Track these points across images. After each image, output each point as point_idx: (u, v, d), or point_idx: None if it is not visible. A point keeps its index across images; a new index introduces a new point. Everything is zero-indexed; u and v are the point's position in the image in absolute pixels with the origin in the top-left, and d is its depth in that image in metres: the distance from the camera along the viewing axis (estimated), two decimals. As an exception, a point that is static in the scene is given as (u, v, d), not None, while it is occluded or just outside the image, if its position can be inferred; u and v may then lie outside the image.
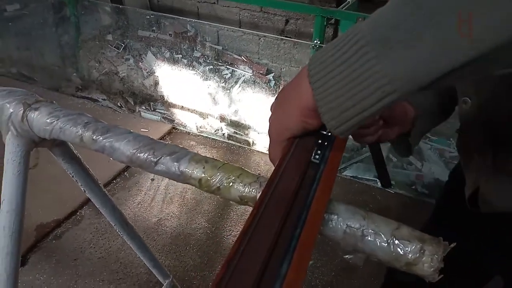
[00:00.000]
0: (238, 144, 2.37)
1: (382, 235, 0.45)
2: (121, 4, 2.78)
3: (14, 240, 0.68)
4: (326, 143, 0.46)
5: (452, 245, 0.47)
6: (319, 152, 0.45)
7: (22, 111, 0.61)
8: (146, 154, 0.54)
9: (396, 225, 0.46)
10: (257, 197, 0.49)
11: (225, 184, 0.51)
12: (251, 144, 2.36)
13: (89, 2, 2.71)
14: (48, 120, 0.59)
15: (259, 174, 1.69)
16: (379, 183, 2.07)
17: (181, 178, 0.53)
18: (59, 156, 0.73)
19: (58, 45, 2.84)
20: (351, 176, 2.15)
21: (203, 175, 0.52)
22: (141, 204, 1.90)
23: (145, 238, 1.71)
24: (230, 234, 1.77)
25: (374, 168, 1.44)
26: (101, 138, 0.57)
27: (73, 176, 0.78)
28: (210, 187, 0.52)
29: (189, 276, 1.58)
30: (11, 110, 0.62)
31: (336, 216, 0.45)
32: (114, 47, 2.76)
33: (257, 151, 2.33)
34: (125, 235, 0.99)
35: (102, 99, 2.71)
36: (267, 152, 0.50)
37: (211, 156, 0.55)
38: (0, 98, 0.63)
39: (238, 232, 1.76)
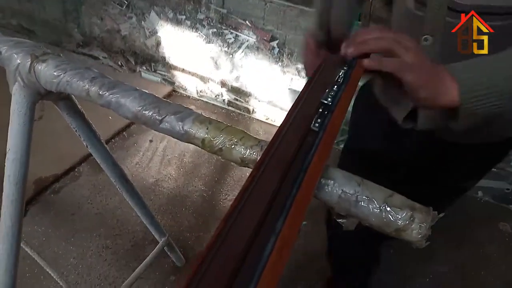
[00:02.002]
0: (238, 111, 2.38)
1: (375, 202, 0.47)
2: (126, -41, 2.70)
3: (19, 188, 0.70)
4: (326, 112, 0.48)
5: (441, 215, 0.49)
6: (319, 120, 0.46)
7: (29, 62, 0.62)
8: (151, 112, 0.56)
9: (390, 193, 0.48)
10: (258, 160, 0.51)
11: (227, 146, 0.53)
12: (251, 112, 2.37)
13: (93, -45, 2.63)
14: (55, 73, 0.60)
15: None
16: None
17: (185, 137, 0.55)
18: (64, 110, 0.74)
19: (60, -1, 2.78)
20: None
21: (206, 136, 0.54)
22: (139, 164, 1.92)
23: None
24: (226, 198, 1.81)
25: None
26: (107, 93, 0.58)
27: (76, 130, 0.79)
28: (212, 148, 0.54)
29: (184, 236, 1.62)
30: (19, 61, 0.62)
31: (332, 182, 0.47)
32: (117, 4, 2.70)
33: (257, 119, 2.34)
34: (124, 191, 1.02)
35: (102, 57, 2.69)
36: (267, 121, 0.52)
37: None
38: (9, 48, 0.63)
39: (234, 197, 1.80)
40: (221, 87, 2.48)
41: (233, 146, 0.53)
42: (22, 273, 1.39)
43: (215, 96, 2.47)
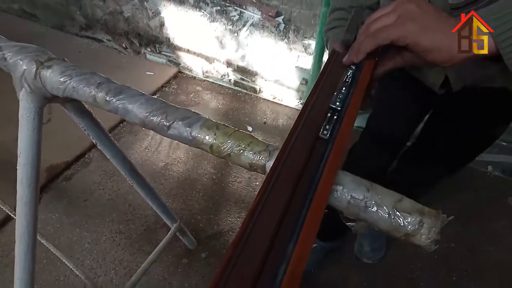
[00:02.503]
0: (245, 91, 2.36)
1: (384, 207, 0.47)
2: None
3: (32, 190, 0.72)
4: (335, 117, 0.47)
5: (450, 218, 0.49)
6: (327, 127, 0.46)
7: (35, 69, 0.62)
8: (159, 118, 0.56)
9: (399, 197, 0.48)
10: (266, 165, 0.51)
11: (236, 152, 0.53)
12: (258, 92, 2.35)
13: None
14: (61, 79, 0.60)
15: (265, 122, 1.71)
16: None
17: (193, 143, 0.55)
18: (71, 111, 0.75)
19: (60, -19, 2.74)
20: (356, 126, 2.16)
21: (214, 141, 0.54)
22: (148, 149, 1.94)
23: (153, 182, 1.77)
24: (235, 181, 1.83)
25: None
26: (114, 99, 0.58)
27: (85, 130, 0.80)
28: (221, 153, 0.54)
29: (195, 219, 1.65)
30: (24, 67, 0.62)
31: (341, 187, 0.47)
32: (118, -16, 2.65)
33: (264, 98, 2.33)
34: (135, 183, 1.03)
35: (106, 39, 2.67)
36: (274, 100, 0.52)
37: (217, 103, 0.56)
38: (13, 54, 0.63)
39: (243, 179, 1.82)
40: (227, 67, 2.46)
41: (241, 152, 0.53)
42: (39, 260, 1.43)
43: (221, 77, 2.45)
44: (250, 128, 2.11)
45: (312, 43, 2.36)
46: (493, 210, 1.80)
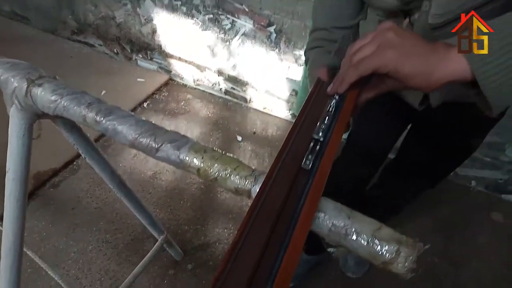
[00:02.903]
0: (235, 100, 2.38)
1: (364, 235, 0.49)
2: None
3: (20, 205, 0.72)
4: (318, 148, 0.49)
5: (426, 246, 0.51)
6: (310, 157, 0.48)
7: (26, 86, 0.62)
8: (148, 140, 0.57)
9: (378, 225, 0.50)
10: (251, 191, 0.52)
11: (222, 176, 0.54)
12: (248, 101, 2.37)
13: None
14: (52, 98, 0.61)
15: (254, 132, 1.71)
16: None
17: (181, 165, 0.56)
18: (61, 127, 0.75)
19: (53, -16, 2.73)
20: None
21: (201, 165, 0.55)
22: (137, 157, 1.94)
23: (141, 191, 1.77)
24: (223, 191, 1.83)
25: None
26: (103, 120, 0.59)
27: (74, 145, 0.80)
28: (207, 177, 0.55)
29: (182, 229, 1.66)
30: (16, 85, 0.63)
31: (323, 214, 0.49)
32: (111, -10, 2.65)
33: (254, 108, 2.34)
34: (123, 196, 1.04)
35: (98, 44, 2.66)
36: (264, 110, 0.53)
37: (207, 111, 0.57)
38: (4, 71, 0.63)
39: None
40: (218, 75, 2.47)
41: (228, 176, 0.54)
42: (23, 269, 1.41)
43: (212, 85, 2.47)
44: (239, 138, 2.12)
45: (303, 54, 2.39)
46: (477, 225, 1.83)
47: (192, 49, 2.51)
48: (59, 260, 1.49)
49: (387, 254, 0.48)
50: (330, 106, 0.54)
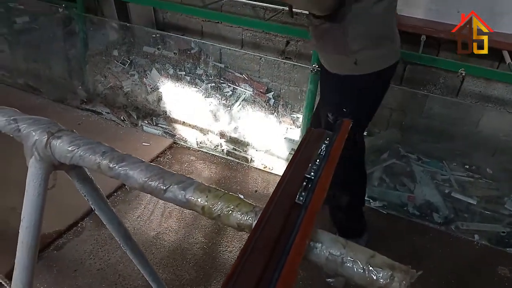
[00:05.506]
0: (237, 160, 2.45)
1: (359, 262, 0.52)
2: (128, 19, 2.88)
3: (31, 254, 0.75)
4: (310, 186, 0.54)
5: (419, 273, 0.54)
6: (303, 193, 0.53)
7: (46, 139, 0.69)
8: (157, 183, 0.62)
9: (371, 253, 0.53)
10: (253, 225, 0.56)
11: (225, 212, 0.58)
12: (249, 161, 2.44)
13: (97, 18, 2.81)
14: (69, 148, 0.67)
15: (256, 190, 1.76)
16: (372, 202, 2.14)
17: (187, 205, 0.61)
18: (74, 178, 0.81)
19: (66, 59, 2.93)
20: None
21: (206, 203, 0.59)
22: (141, 218, 1.96)
23: (144, 251, 1.77)
24: (226, 250, 1.83)
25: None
26: (116, 166, 0.64)
27: (85, 196, 0.85)
28: (211, 214, 0.59)
29: (185, 289, 1.64)
30: (36, 138, 0.69)
31: (320, 244, 0.53)
32: (120, 62, 2.85)
33: (255, 167, 2.40)
34: (128, 250, 1.06)
35: (105, 112, 2.79)
36: (265, 169, 0.59)
37: (210, 172, 0.63)
38: (27, 126, 0.70)
39: (234, 248, 1.83)
40: (220, 138, 2.57)
41: (230, 212, 0.58)
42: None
43: (215, 147, 2.55)
44: (241, 196, 2.15)
45: (300, 117, 2.50)
46: (483, 280, 1.80)
47: (195, 114, 2.63)
48: (59, 324, 1.46)
49: (382, 280, 0.51)
50: (321, 150, 0.60)
